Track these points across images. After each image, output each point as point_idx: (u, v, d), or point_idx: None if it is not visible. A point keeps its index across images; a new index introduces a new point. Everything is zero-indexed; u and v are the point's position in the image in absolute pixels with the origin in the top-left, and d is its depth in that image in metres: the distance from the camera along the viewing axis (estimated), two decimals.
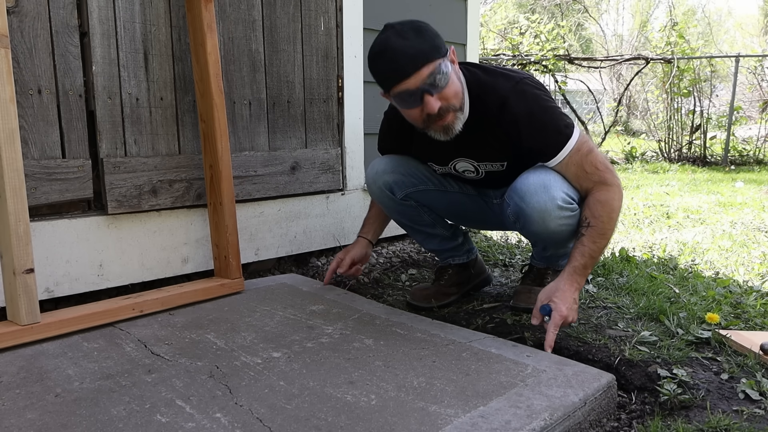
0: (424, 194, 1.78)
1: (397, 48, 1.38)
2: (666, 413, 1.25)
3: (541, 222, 1.50)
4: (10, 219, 1.38)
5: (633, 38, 18.09)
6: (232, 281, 1.84)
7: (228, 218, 1.84)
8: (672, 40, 7.38)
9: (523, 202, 1.50)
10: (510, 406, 1.13)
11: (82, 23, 1.65)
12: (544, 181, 1.49)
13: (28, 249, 1.41)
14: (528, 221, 1.52)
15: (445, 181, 1.80)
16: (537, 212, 1.49)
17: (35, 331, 1.43)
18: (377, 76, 1.46)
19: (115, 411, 1.11)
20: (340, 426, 1.06)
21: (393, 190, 1.76)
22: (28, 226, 1.41)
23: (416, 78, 1.38)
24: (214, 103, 1.78)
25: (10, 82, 1.39)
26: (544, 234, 1.55)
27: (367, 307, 1.73)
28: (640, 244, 2.71)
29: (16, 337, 1.40)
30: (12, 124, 1.39)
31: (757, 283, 2.07)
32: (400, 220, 1.86)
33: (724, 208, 3.79)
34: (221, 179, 1.81)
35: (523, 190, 1.51)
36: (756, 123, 7.67)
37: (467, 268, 1.92)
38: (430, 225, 1.85)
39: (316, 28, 2.16)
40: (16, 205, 1.39)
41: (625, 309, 1.78)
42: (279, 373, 1.27)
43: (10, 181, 1.39)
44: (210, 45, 1.76)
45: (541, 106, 1.51)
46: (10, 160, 1.38)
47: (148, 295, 1.69)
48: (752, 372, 1.37)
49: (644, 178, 5.69)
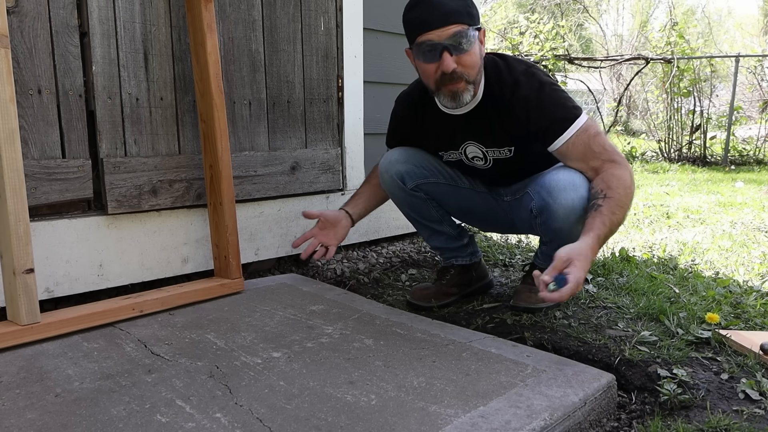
0: (434, 186, 1.79)
1: (434, 2, 1.45)
2: (666, 413, 1.25)
3: (566, 218, 1.52)
4: (10, 219, 1.38)
5: (633, 38, 18.09)
6: (232, 281, 1.84)
7: (228, 218, 1.83)
8: (672, 40, 7.38)
9: (551, 197, 1.52)
10: (510, 406, 1.13)
11: (82, 23, 1.65)
12: (574, 181, 1.52)
13: (28, 249, 1.41)
14: (552, 217, 1.54)
15: (456, 175, 1.81)
16: (564, 209, 1.51)
17: (35, 331, 1.42)
18: (407, 26, 1.52)
19: (115, 411, 1.11)
20: (340, 426, 1.06)
21: (404, 179, 1.76)
22: (28, 226, 1.41)
23: (442, 32, 1.44)
24: (214, 103, 1.78)
25: (10, 82, 1.38)
26: (564, 231, 1.55)
27: (367, 307, 1.73)
28: (640, 244, 2.71)
29: (16, 337, 1.40)
30: (12, 124, 1.39)
31: (757, 283, 2.07)
32: (408, 212, 1.87)
33: (724, 208, 3.79)
34: (221, 179, 1.81)
35: (551, 186, 1.52)
36: (756, 123, 7.67)
37: (469, 270, 1.92)
38: (438, 221, 1.85)
39: (316, 28, 2.16)
40: (16, 205, 1.39)
41: (625, 309, 1.78)
42: (279, 373, 1.27)
43: (10, 181, 1.38)
44: (210, 45, 1.76)
45: (552, 89, 1.55)
46: (10, 160, 1.38)
47: (148, 295, 1.69)
48: (752, 372, 1.37)
49: (644, 178, 5.69)
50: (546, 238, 1.69)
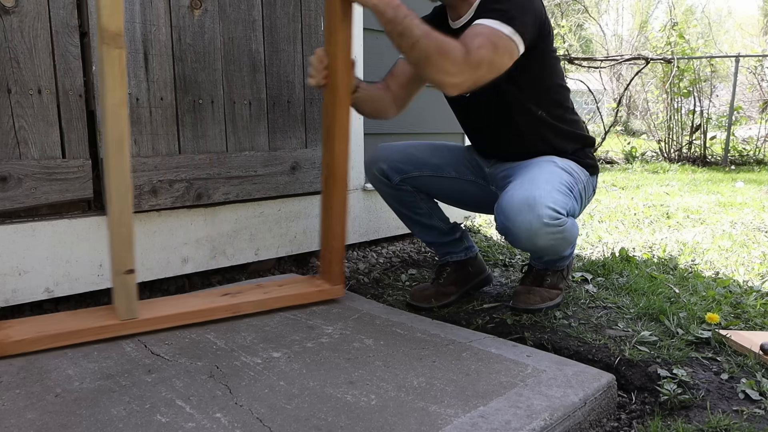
0: (419, 180, 1.82)
1: None
2: (666, 413, 1.25)
3: (528, 240, 1.49)
4: (114, 222, 1.41)
5: (633, 38, 18.09)
6: (332, 287, 1.76)
7: (337, 224, 1.73)
8: (672, 40, 7.37)
9: (509, 221, 1.47)
10: (510, 406, 1.13)
11: (82, 23, 1.65)
12: (529, 197, 1.45)
13: (129, 251, 1.44)
14: (515, 239, 1.50)
15: (441, 164, 1.83)
16: (523, 232, 1.46)
17: (132, 326, 1.48)
18: None
19: (115, 411, 1.11)
20: (340, 426, 1.06)
21: (388, 175, 1.80)
22: (130, 229, 1.43)
23: None
24: (339, 99, 1.63)
25: (122, 85, 1.36)
26: (533, 249, 1.59)
27: (367, 307, 1.73)
28: (640, 244, 2.71)
29: (114, 331, 1.46)
30: (121, 128, 1.37)
31: (757, 283, 2.07)
32: (397, 208, 1.89)
33: (724, 208, 3.79)
34: (335, 182, 1.69)
35: (507, 209, 1.48)
36: (756, 123, 7.66)
37: (466, 266, 1.92)
38: (427, 215, 1.87)
39: (316, 28, 2.16)
40: (121, 209, 1.41)
41: (625, 309, 1.78)
42: (279, 373, 1.27)
43: (116, 186, 1.40)
44: (341, 35, 1.59)
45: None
46: (117, 166, 1.39)
47: (245, 294, 1.68)
48: (752, 372, 1.37)
49: (644, 178, 5.69)
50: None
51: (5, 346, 1.34)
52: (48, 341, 1.39)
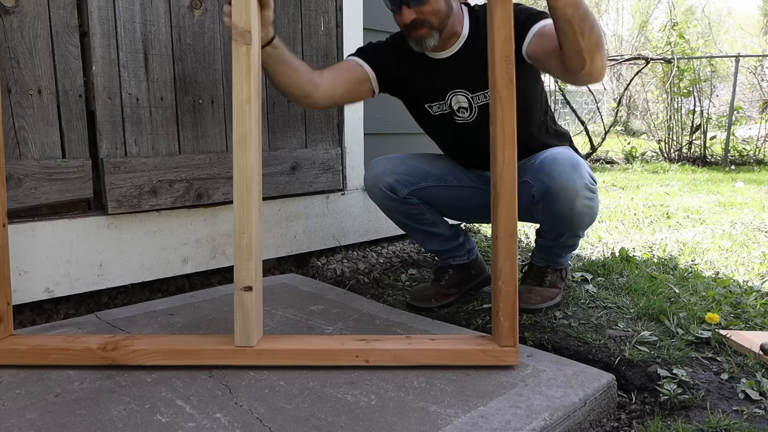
0: (425, 191, 1.79)
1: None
2: (666, 413, 1.25)
3: (567, 201, 1.54)
4: (235, 229, 1.27)
5: (633, 38, 18.10)
6: (500, 349, 1.29)
7: (503, 259, 1.28)
8: (672, 40, 7.37)
9: (552, 180, 1.54)
10: (510, 406, 1.13)
11: (82, 23, 1.65)
12: (572, 160, 1.55)
13: (249, 264, 1.27)
14: (554, 200, 1.55)
15: (443, 173, 1.81)
16: (565, 191, 1.53)
17: (243, 357, 1.29)
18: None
19: (115, 411, 1.11)
20: (340, 426, 1.06)
21: (395, 189, 1.75)
22: (252, 239, 1.27)
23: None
24: (498, 96, 1.27)
25: (248, 81, 1.26)
26: (566, 214, 1.59)
27: (367, 307, 1.73)
28: (640, 244, 2.71)
29: (219, 358, 1.28)
30: (246, 126, 1.26)
31: (757, 283, 2.07)
32: (401, 220, 1.85)
33: (724, 208, 3.79)
34: (499, 203, 1.29)
35: (551, 169, 1.54)
36: (756, 123, 7.66)
37: (467, 268, 1.92)
38: (432, 224, 1.85)
39: (316, 28, 2.16)
40: (241, 214, 1.27)
41: (625, 309, 1.78)
42: (279, 373, 1.27)
43: (238, 188, 1.27)
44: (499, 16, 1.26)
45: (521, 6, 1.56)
46: (241, 165, 1.26)
47: (380, 343, 1.34)
48: (752, 372, 1.37)
49: (644, 178, 5.69)
50: (545, 225, 1.70)
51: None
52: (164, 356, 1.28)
